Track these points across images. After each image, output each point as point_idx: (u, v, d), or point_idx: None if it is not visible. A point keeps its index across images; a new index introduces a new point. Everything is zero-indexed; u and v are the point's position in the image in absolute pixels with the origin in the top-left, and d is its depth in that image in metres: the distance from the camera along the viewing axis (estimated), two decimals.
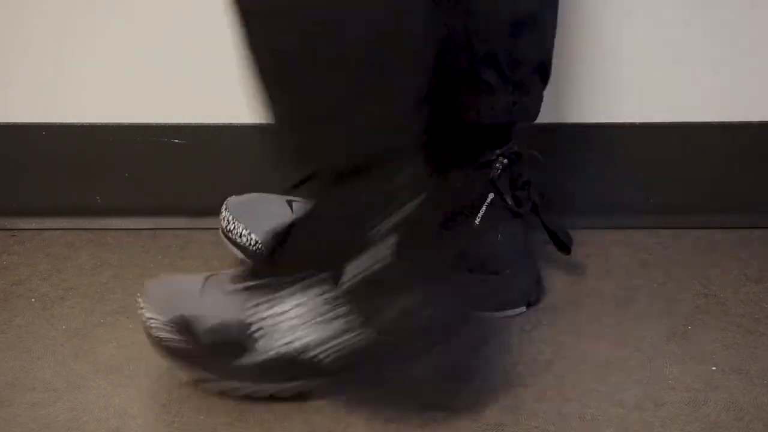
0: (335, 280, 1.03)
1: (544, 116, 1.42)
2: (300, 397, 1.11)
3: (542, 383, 1.14)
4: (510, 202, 1.27)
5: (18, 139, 1.42)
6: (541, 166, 1.29)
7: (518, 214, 1.28)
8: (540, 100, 1.27)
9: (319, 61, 0.96)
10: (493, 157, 1.26)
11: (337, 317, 1.04)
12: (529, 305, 1.28)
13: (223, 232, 1.34)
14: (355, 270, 1.03)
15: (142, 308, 1.09)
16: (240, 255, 1.32)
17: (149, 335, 1.09)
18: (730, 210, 1.45)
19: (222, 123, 1.44)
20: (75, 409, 1.11)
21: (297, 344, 1.05)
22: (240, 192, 1.44)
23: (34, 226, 1.44)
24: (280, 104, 1.00)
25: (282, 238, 1.07)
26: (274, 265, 1.07)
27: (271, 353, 1.05)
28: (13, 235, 1.43)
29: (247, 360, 1.06)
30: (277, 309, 1.05)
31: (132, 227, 1.44)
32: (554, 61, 1.40)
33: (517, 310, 1.27)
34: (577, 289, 1.30)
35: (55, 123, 1.42)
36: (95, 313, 1.26)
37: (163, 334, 1.07)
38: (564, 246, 1.31)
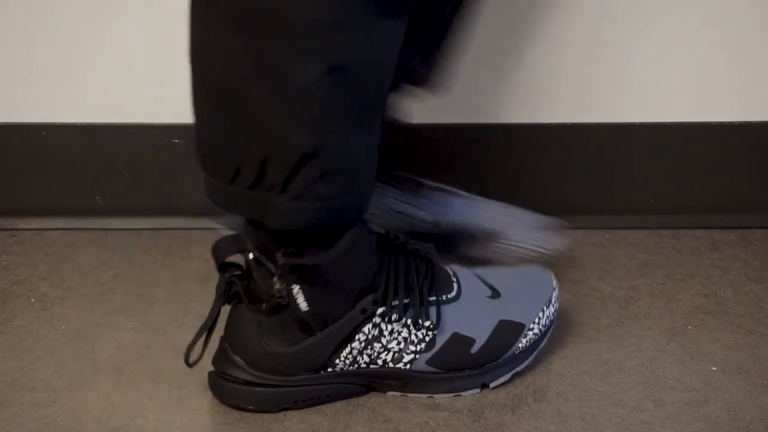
0: None
1: (544, 116, 1.43)
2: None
3: (542, 383, 1.14)
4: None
5: (18, 139, 1.42)
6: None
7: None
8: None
9: None
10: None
11: None
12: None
13: None
14: None
15: None
16: None
17: None
18: (730, 210, 1.45)
19: None
20: (75, 409, 1.11)
21: None
22: None
23: (34, 226, 1.44)
24: None
25: None
26: None
27: None
28: (13, 235, 1.43)
29: None
30: None
31: (132, 227, 1.44)
32: (552, 61, 1.40)
33: None
34: (577, 289, 1.30)
35: (55, 123, 1.42)
36: (95, 313, 1.26)
37: None
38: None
